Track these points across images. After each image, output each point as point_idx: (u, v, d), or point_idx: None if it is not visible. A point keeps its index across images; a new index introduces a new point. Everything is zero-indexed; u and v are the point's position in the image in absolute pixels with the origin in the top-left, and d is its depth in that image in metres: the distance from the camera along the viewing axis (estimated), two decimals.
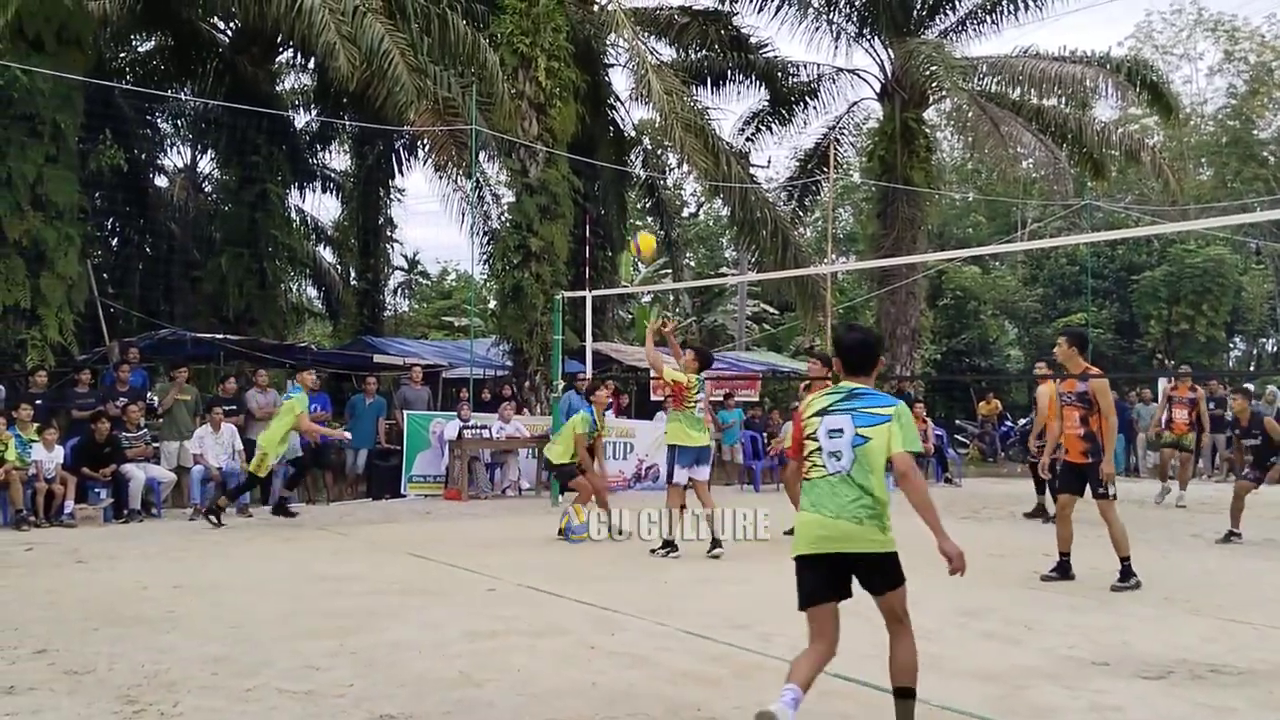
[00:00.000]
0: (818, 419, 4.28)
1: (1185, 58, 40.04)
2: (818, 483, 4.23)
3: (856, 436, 4.19)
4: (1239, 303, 29.70)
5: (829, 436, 4.24)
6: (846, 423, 4.22)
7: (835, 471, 4.19)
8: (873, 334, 4.80)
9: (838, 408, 4.27)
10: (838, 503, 4.15)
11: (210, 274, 19.95)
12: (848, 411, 4.24)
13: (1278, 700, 4.66)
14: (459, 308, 38.45)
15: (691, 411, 9.30)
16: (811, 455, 4.28)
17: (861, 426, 4.20)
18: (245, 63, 19.90)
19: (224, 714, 4.48)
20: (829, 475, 4.20)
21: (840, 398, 4.30)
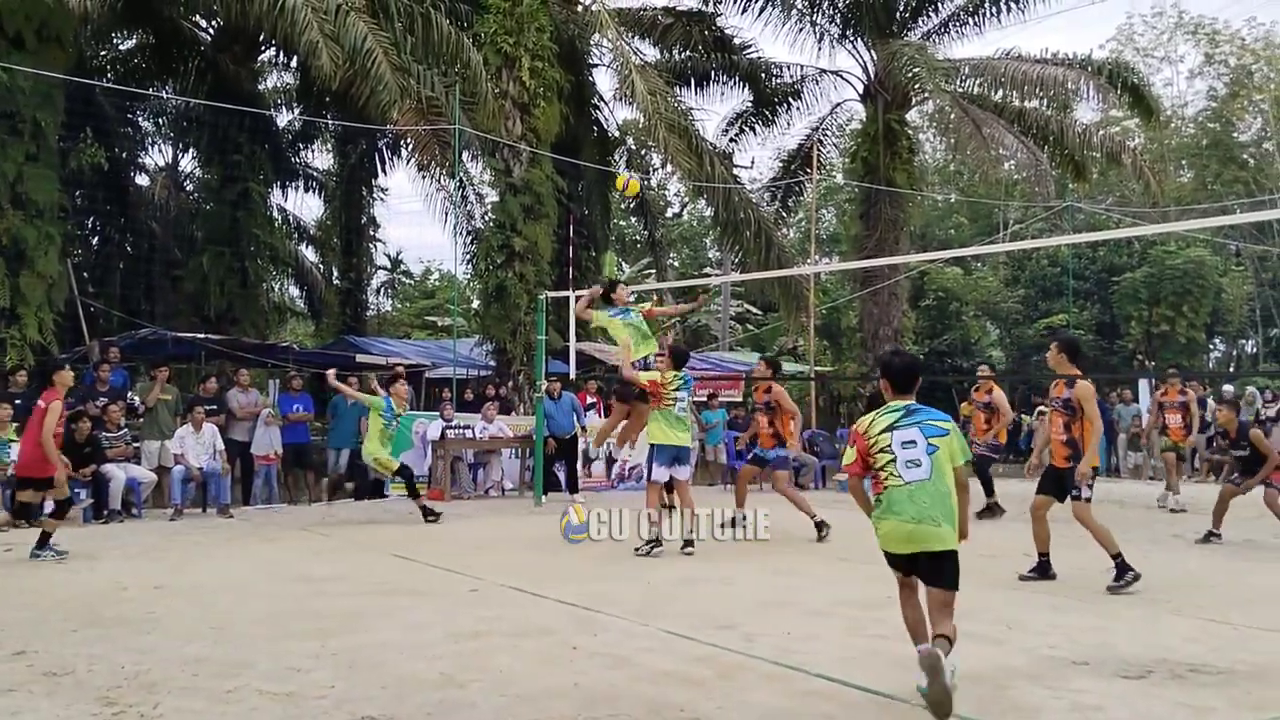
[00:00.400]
0: (887, 434, 4.77)
1: (1166, 60, 40.38)
2: (895, 491, 4.72)
3: (929, 445, 4.73)
4: (1219, 304, 29.90)
5: (903, 448, 4.73)
6: (917, 434, 4.75)
7: (914, 480, 4.69)
8: (917, 359, 5.43)
9: (903, 423, 4.78)
10: (918, 508, 4.66)
11: (191, 273, 19.86)
12: (915, 424, 4.77)
13: (1256, 700, 4.69)
14: (442, 307, 38.40)
15: (671, 410, 9.31)
16: (886, 467, 4.75)
17: (931, 436, 4.75)
18: (227, 61, 19.81)
19: (204, 715, 4.45)
20: (907, 484, 4.69)
21: (901, 414, 4.82)
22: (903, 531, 4.70)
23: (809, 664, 5.28)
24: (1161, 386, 14.39)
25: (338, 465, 15.20)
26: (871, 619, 6.45)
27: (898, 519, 4.70)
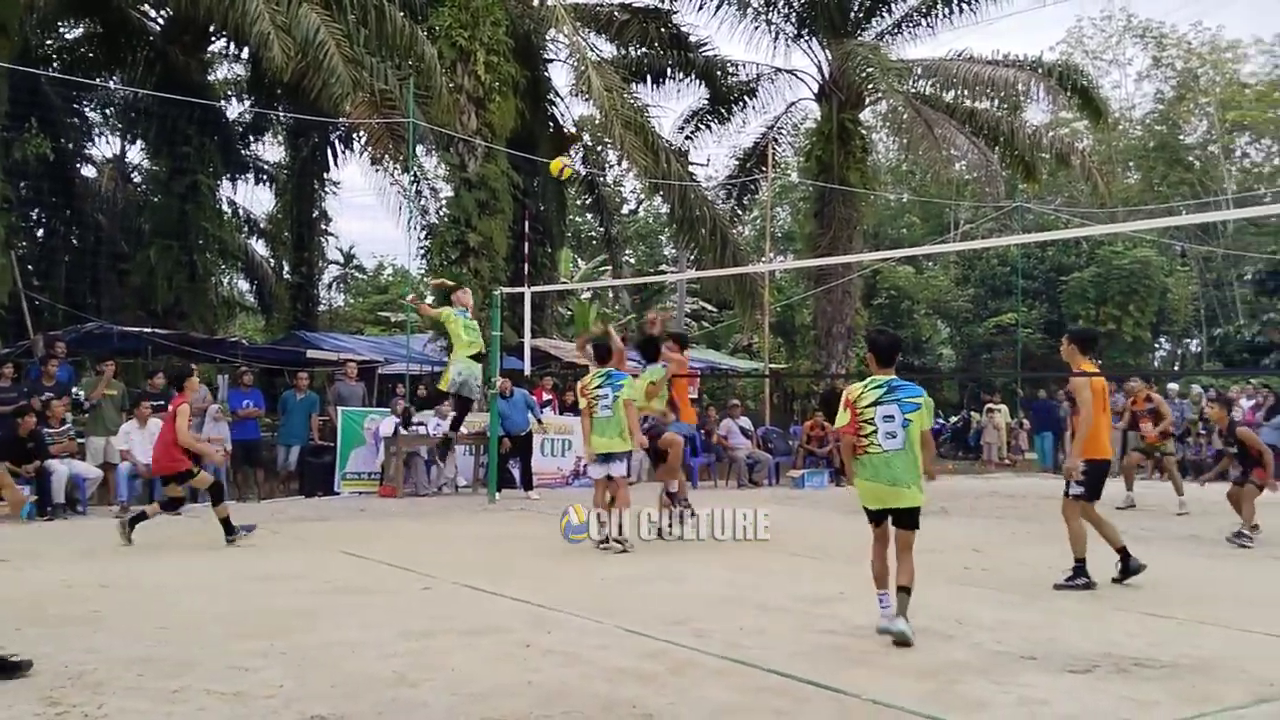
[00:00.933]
0: (873, 408, 5.86)
1: (1115, 63, 40.96)
2: (874, 458, 5.86)
3: (905, 420, 5.83)
4: (1164, 304, 30.43)
5: (884, 421, 5.84)
6: (896, 410, 5.84)
7: (891, 449, 5.82)
8: (898, 337, 6.87)
9: (886, 399, 5.87)
10: (893, 473, 5.83)
11: (139, 266, 19.56)
12: (894, 401, 5.86)
13: (1199, 694, 4.78)
14: (395, 303, 38.12)
15: (595, 416, 9.38)
16: (869, 436, 5.85)
17: (907, 412, 5.84)
18: (177, 52, 19.52)
19: (150, 715, 4.39)
20: (885, 452, 5.83)
21: (885, 390, 5.90)
22: (881, 492, 5.87)
23: (761, 659, 5.31)
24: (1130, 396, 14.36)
25: (287, 462, 15.05)
26: (823, 614, 6.51)
27: (877, 481, 5.86)
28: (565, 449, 16.43)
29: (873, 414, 5.85)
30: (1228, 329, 31.23)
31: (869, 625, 6.23)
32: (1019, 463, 22.53)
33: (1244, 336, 29.38)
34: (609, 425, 9.34)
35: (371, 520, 11.97)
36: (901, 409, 5.83)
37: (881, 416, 5.84)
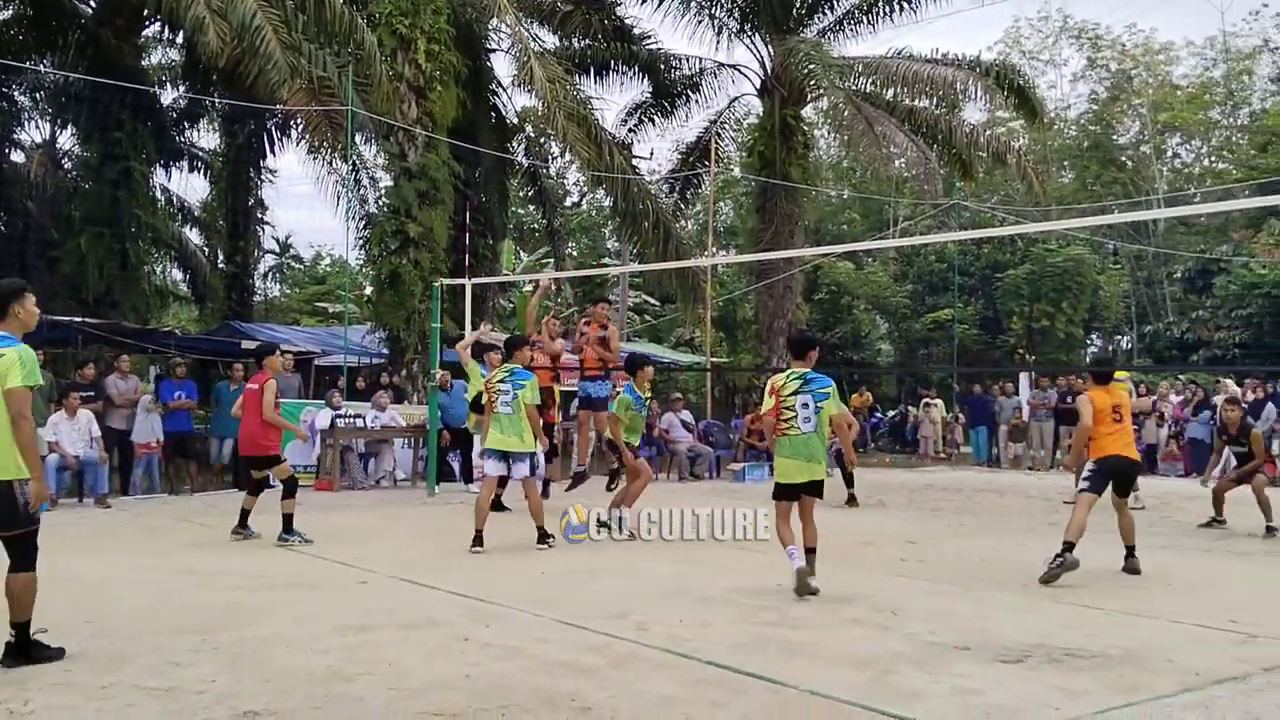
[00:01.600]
0: (794, 397, 6.96)
1: (1051, 64, 41.57)
2: (794, 439, 6.98)
3: (817, 407, 6.97)
4: (1096, 301, 31.00)
5: (802, 409, 6.96)
6: (810, 400, 6.97)
7: (807, 431, 6.95)
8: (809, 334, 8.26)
9: (803, 390, 6.99)
10: (809, 452, 6.97)
11: (69, 254, 19.11)
12: (809, 392, 6.99)
13: (1129, 683, 4.88)
14: (333, 293, 37.66)
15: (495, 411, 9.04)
16: (789, 421, 6.96)
17: (818, 400, 6.98)
18: (109, 35, 19.06)
19: (79, 712, 4.30)
20: (802, 434, 6.95)
21: (801, 382, 7.02)
22: (802, 468, 6.96)
23: (700, 651, 5.33)
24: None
25: (221, 455, 14.80)
26: (762, 606, 6.55)
27: (798, 459, 6.96)
28: None
29: (793, 402, 6.94)
30: (1157, 326, 31.90)
31: (805, 616, 6.30)
32: (954, 456, 22.84)
33: (1173, 334, 30.02)
34: (508, 423, 8.94)
35: (307, 514, 11.73)
36: (814, 399, 6.95)
37: (800, 404, 6.93)
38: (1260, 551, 9.58)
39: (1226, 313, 27.13)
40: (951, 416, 23.84)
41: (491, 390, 9.16)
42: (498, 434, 8.97)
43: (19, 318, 5.12)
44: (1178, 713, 4.43)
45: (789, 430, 6.96)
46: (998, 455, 21.07)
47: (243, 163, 25.06)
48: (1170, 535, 10.39)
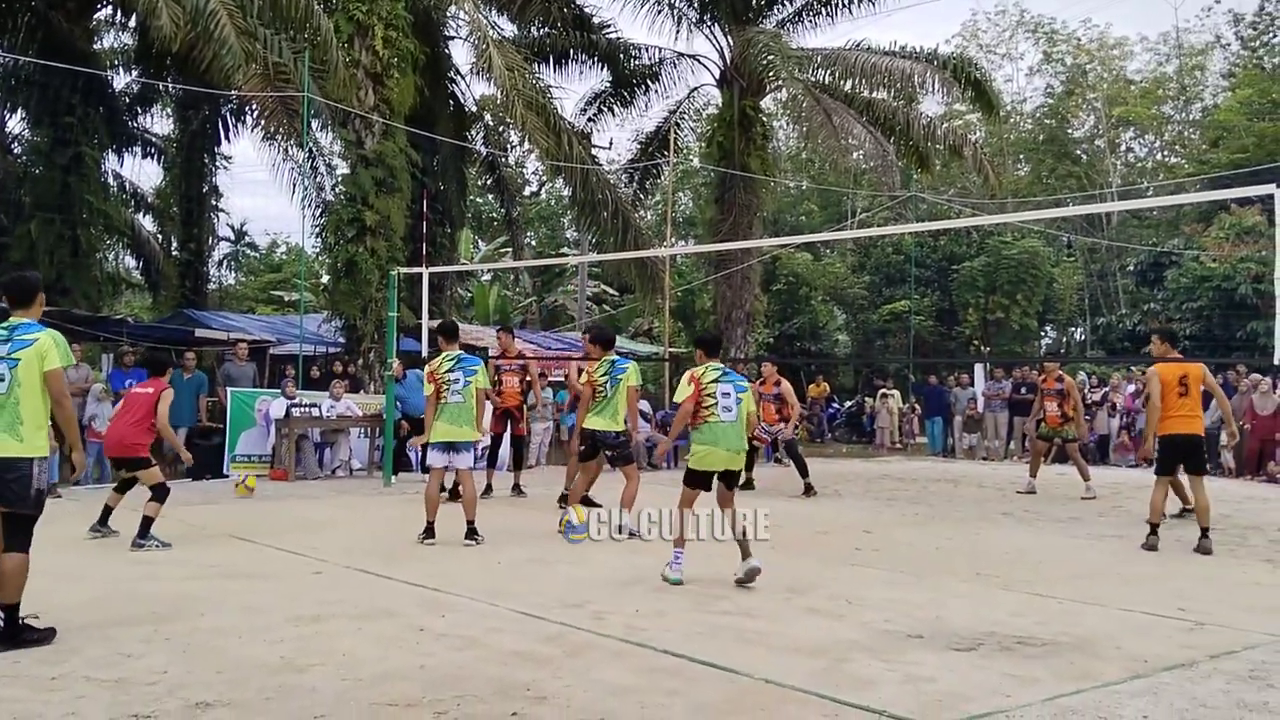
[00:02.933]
0: (715, 385, 7.01)
1: (1007, 57, 42.05)
2: (715, 426, 6.97)
3: (737, 399, 7.05)
4: (1050, 293, 31.38)
5: (723, 398, 6.99)
6: (731, 389, 7.05)
7: (728, 421, 6.98)
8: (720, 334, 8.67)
9: (724, 380, 7.07)
10: (729, 441, 6.98)
11: (18, 241, 18.72)
12: (730, 382, 7.10)
13: (1079, 671, 4.94)
14: (289, 282, 37.29)
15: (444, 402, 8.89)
16: (710, 409, 6.95)
17: (739, 393, 7.09)
18: (60, 18, 18.68)
19: (26, 704, 4.23)
20: (723, 422, 6.97)
21: (720, 373, 7.12)
22: (723, 457, 6.99)
23: (656, 641, 5.35)
24: (1041, 374, 14.56)
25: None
26: (716, 596, 6.58)
27: (718, 447, 6.97)
28: None
29: (714, 390, 6.98)
30: (1110, 318, 32.34)
31: (761, 605, 6.33)
32: (910, 447, 23.05)
33: (1125, 325, 30.44)
34: (459, 412, 8.82)
35: (261, 504, 11.71)
36: (736, 389, 7.06)
37: (721, 393, 6.98)
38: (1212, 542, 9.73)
39: (1178, 305, 27.56)
40: (908, 407, 24.06)
41: (440, 380, 8.87)
42: (446, 425, 8.82)
43: (39, 305, 5.74)
44: (1126, 699, 4.49)
45: (710, 418, 6.97)
46: (953, 446, 21.29)
47: (197, 149, 24.70)
48: (1121, 525, 10.54)
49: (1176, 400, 8.92)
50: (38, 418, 5.35)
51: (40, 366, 5.34)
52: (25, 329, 5.45)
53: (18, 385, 5.32)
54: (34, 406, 5.34)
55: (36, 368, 5.33)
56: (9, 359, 5.36)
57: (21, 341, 5.38)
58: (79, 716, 4.09)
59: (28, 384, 5.33)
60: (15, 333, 5.43)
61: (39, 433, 5.36)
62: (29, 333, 5.42)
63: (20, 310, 5.59)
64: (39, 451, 5.35)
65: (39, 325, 5.51)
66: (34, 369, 5.33)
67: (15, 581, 5.28)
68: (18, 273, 6.02)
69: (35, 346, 5.35)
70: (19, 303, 5.62)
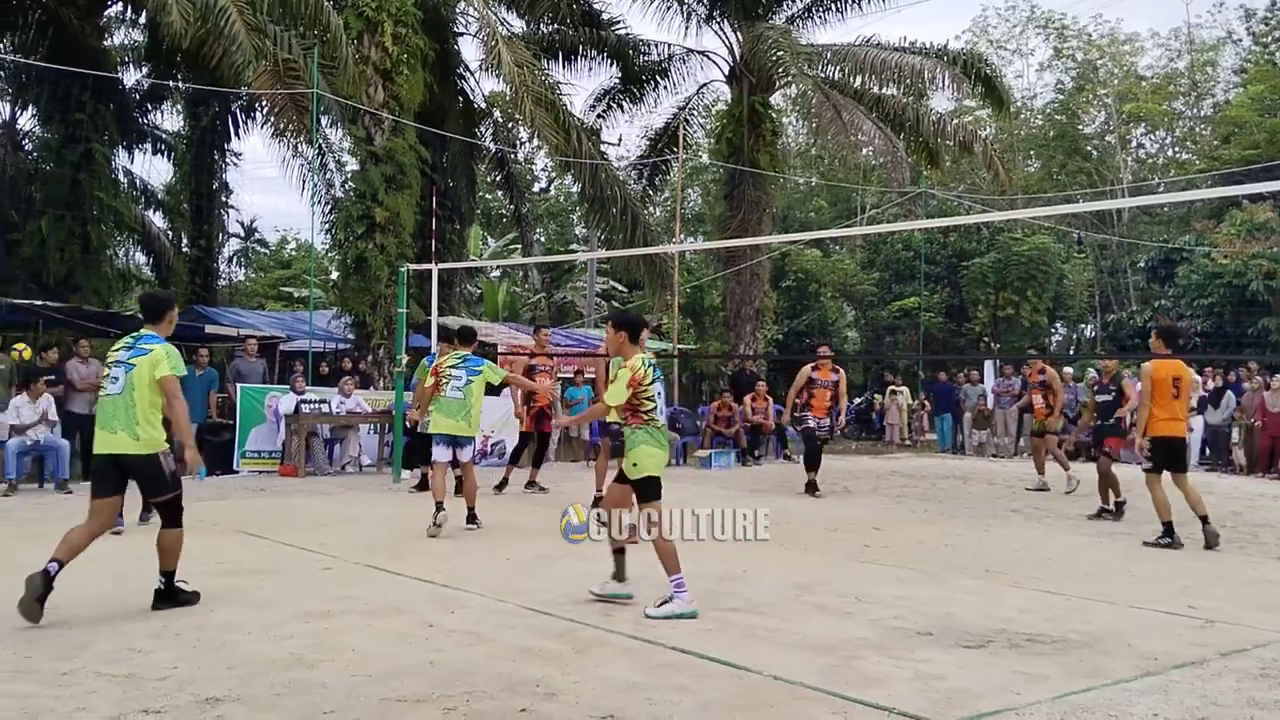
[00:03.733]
0: (653, 386, 6.27)
1: (1018, 53, 41.82)
2: (656, 429, 6.25)
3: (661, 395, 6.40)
4: (1061, 290, 31.26)
5: (658, 397, 6.32)
6: (661, 388, 6.40)
7: (662, 422, 6.35)
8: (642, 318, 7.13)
9: (657, 379, 6.35)
10: (665, 440, 6.39)
11: (29, 237, 18.80)
12: (659, 379, 6.39)
13: (1089, 668, 4.93)
14: (299, 278, 37.35)
15: (441, 396, 9.36)
16: (650, 411, 6.23)
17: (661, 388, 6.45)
18: (70, 15, 18.75)
19: (36, 699, 4.24)
20: (659, 424, 6.30)
21: (651, 367, 6.34)
22: (664, 459, 6.30)
23: (664, 637, 5.35)
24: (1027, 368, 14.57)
25: None
26: (723, 592, 6.58)
27: (659, 448, 6.25)
28: None
29: (652, 391, 6.27)
30: (1121, 315, 32.21)
31: (770, 602, 6.32)
32: (919, 444, 23.01)
33: (1136, 322, 30.31)
34: (457, 407, 9.23)
35: (272, 500, 11.74)
36: (662, 385, 6.51)
37: (657, 393, 6.32)
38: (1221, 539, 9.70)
39: (1189, 302, 27.44)
40: (917, 404, 24.01)
41: (441, 375, 9.36)
42: (445, 418, 9.28)
43: (169, 322, 6.34)
44: (1136, 697, 4.48)
45: (649, 421, 6.23)
46: (962, 442, 21.24)
47: (207, 146, 24.78)
48: (1130, 522, 10.51)
49: (1170, 401, 9.04)
50: (151, 417, 6.01)
51: (152, 373, 5.99)
52: (147, 340, 6.12)
53: (132, 388, 5.98)
54: (147, 407, 5.98)
55: (148, 374, 5.99)
56: (126, 364, 6.03)
57: (141, 350, 6.06)
58: (89, 711, 4.10)
59: (140, 387, 5.98)
60: (139, 342, 6.12)
61: (154, 430, 6.02)
62: (149, 344, 6.09)
63: (150, 324, 6.25)
64: (157, 446, 6.03)
65: (159, 339, 6.16)
66: (145, 375, 5.99)
67: (173, 552, 6.02)
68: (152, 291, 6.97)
69: (150, 355, 6.02)
70: (149, 318, 6.31)
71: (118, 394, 5.99)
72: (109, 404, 6.02)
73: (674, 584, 5.93)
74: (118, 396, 5.98)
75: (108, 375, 6.10)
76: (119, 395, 5.98)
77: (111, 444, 5.97)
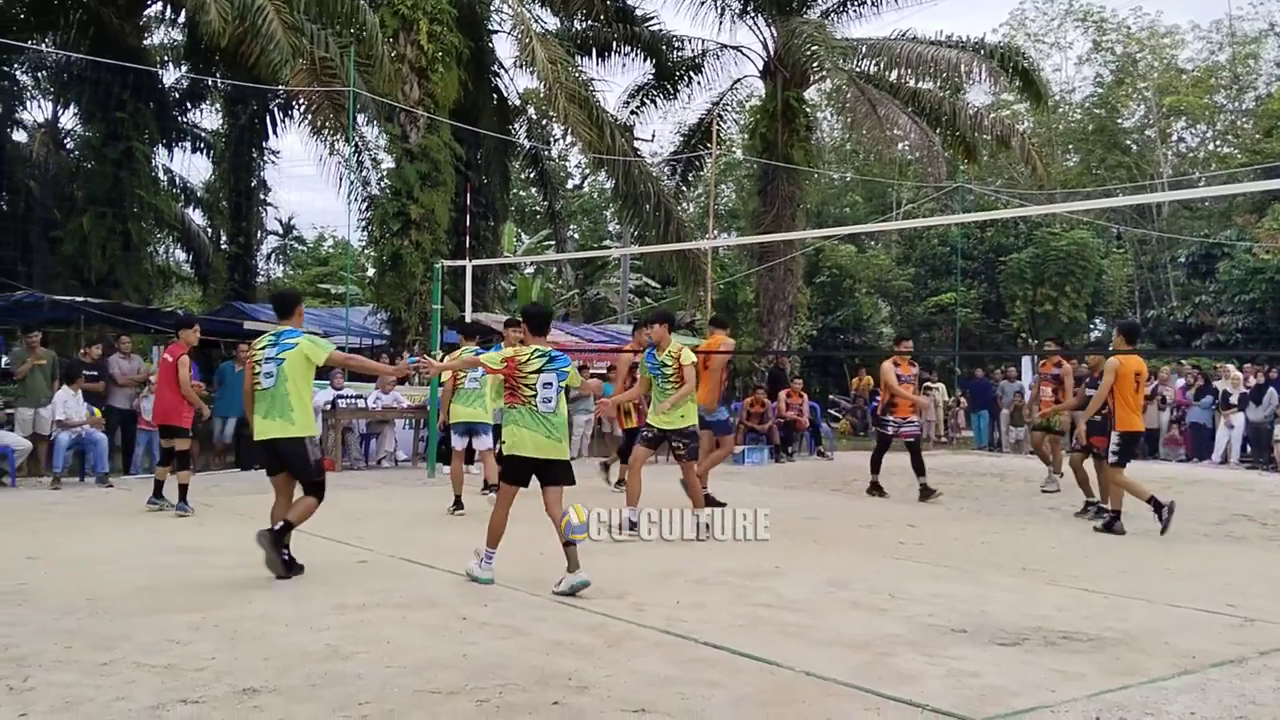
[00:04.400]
0: (536, 375, 6.49)
1: (1056, 46, 41.42)
2: (532, 414, 6.46)
3: (559, 387, 6.56)
4: (1100, 285, 30.92)
5: (544, 387, 6.49)
6: (554, 379, 6.53)
7: (546, 411, 6.49)
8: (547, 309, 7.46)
9: (547, 368, 6.52)
10: (547, 429, 6.49)
11: (71, 234, 19.09)
12: (554, 370, 6.54)
13: (1125, 666, 4.89)
14: (335, 275, 37.64)
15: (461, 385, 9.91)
16: (529, 398, 6.47)
17: (560, 380, 6.57)
18: (111, 15, 19.02)
19: (78, 688, 4.31)
20: (540, 411, 6.47)
21: (546, 359, 6.55)
22: (536, 442, 6.46)
23: (696, 632, 5.35)
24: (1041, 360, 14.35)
25: (224, 434, 14.83)
26: (756, 588, 6.57)
27: (533, 432, 6.46)
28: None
29: (534, 380, 6.50)
30: (1161, 310, 31.83)
31: (804, 599, 6.31)
32: (956, 440, 22.84)
33: (1176, 318, 29.96)
34: (474, 396, 9.79)
35: None
36: (558, 377, 6.59)
37: (542, 383, 6.51)
38: (1259, 536, 9.59)
39: (1230, 298, 27.08)
40: (953, 400, 23.84)
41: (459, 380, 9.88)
42: (461, 407, 9.84)
43: (299, 315, 7.08)
44: (1173, 695, 4.44)
45: (527, 403, 6.48)
46: (999, 440, 21.07)
47: (245, 143, 25.07)
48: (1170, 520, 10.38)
49: (1135, 395, 9.42)
50: (303, 404, 6.72)
51: (306, 364, 6.73)
52: (288, 334, 6.81)
53: (285, 380, 6.66)
54: (299, 395, 6.70)
55: (300, 365, 6.69)
56: (276, 359, 6.70)
57: (286, 345, 6.74)
58: (129, 701, 4.16)
59: (293, 378, 6.68)
60: (281, 338, 6.78)
61: (306, 416, 6.74)
62: (291, 338, 6.77)
63: (283, 320, 6.97)
64: (308, 431, 6.76)
65: (298, 331, 6.84)
66: (298, 366, 6.69)
67: (303, 513, 6.75)
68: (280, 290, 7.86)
69: (298, 348, 6.71)
70: (281, 314, 7.03)
71: (272, 386, 6.66)
72: (266, 396, 6.69)
73: (486, 554, 6.66)
74: (273, 389, 6.66)
75: (259, 371, 6.74)
76: (274, 387, 6.66)
77: (269, 430, 6.68)
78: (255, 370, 6.81)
